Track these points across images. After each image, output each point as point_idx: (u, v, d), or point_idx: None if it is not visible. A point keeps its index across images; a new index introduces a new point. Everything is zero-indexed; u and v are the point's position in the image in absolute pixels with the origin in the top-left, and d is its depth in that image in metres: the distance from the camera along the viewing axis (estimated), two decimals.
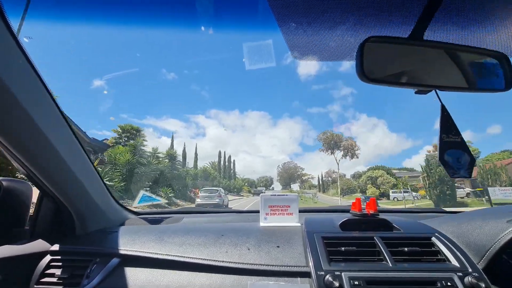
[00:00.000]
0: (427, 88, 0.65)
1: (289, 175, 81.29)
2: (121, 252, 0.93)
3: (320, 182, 72.13)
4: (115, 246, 0.96)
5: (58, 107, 0.88)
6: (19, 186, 1.04)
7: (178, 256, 0.89)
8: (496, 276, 0.79)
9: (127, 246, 0.95)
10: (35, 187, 1.08)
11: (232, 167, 64.73)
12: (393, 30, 0.63)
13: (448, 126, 0.63)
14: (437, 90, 0.65)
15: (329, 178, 69.80)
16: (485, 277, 0.76)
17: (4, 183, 1.00)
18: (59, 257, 0.95)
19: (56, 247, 0.97)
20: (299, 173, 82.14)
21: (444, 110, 0.64)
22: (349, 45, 0.66)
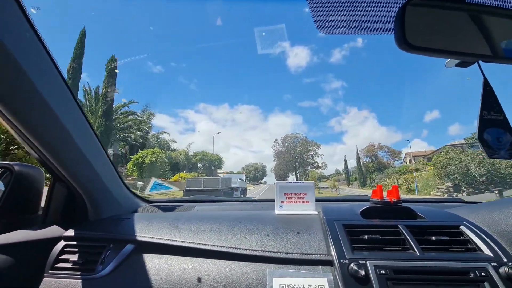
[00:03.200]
0: (471, 59, 0.58)
1: (294, 158, 52.61)
2: (135, 238, 0.91)
3: (358, 165, 43.52)
4: (129, 232, 0.94)
5: (69, 89, 0.85)
6: (31, 171, 1.03)
7: (194, 243, 0.87)
8: None
9: (141, 232, 0.93)
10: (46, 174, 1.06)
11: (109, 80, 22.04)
12: None
13: (490, 102, 0.57)
14: (480, 62, 0.58)
15: (372, 160, 42.04)
16: None
17: (16, 167, 0.98)
18: (73, 242, 0.94)
19: (69, 232, 0.96)
20: (310, 153, 52.81)
21: (487, 84, 0.58)
22: (385, 13, 0.60)
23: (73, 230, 0.96)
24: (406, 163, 40.58)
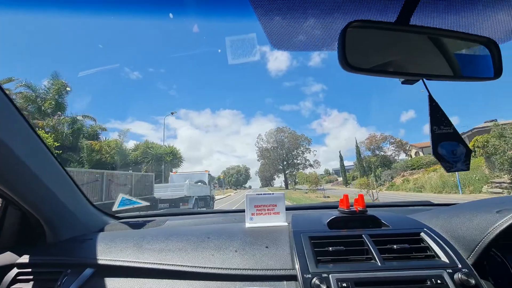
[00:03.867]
0: (414, 78, 0.61)
1: (281, 157, 44.14)
2: (95, 261, 0.86)
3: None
4: (89, 255, 0.89)
5: (7, 96, 0.77)
6: None
7: (157, 263, 0.84)
8: (486, 271, 0.77)
9: (102, 254, 0.89)
10: None
11: None
12: (378, 15, 0.59)
13: (438, 117, 0.59)
14: (424, 80, 0.61)
15: (375, 154, 34.12)
16: (475, 273, 0.74)
17: None
18: (27, 269, 0.88)
19: (23, 259, 0.89)
20: (300, 149, 44.46)
21: (432, 100, 0.60)
22: (332, 32, 0.61)
23: (27, 256, 0.90)
24: (411, 156, 33.41)
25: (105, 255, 0.88)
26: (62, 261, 0.89)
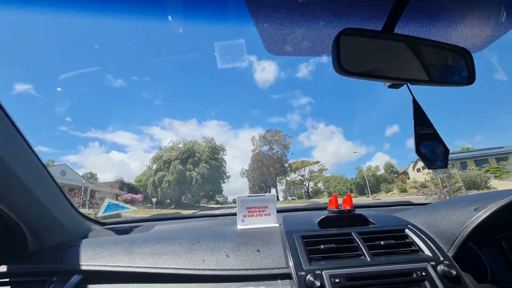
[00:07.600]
0: (399, 82, 0.66)
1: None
2: (83, 267, 0.83)
3: None
4: (76, 262, 0.86)
5: None
6: None
7: (149, 267, 0.82)
8: (464, 263, 0.83)
9: (90, 260, 0.86)
10: None
11: None
12: (366, 24, 0.64)
13: (421, 119, 0.64)
14: (408, 84, 0.66)
15: None
16: (456, 264, 0.80)
17: None
18: (7, 279, 0.83)
19: (3, 268, 0.84)
20: None
21: (416, 103, 0.65)
22: (325, 39, 0.65)
23: (5, 266, 0.85)
24: None
25: (94, 261, 0.85)
26: (47, 269, 0.85)
